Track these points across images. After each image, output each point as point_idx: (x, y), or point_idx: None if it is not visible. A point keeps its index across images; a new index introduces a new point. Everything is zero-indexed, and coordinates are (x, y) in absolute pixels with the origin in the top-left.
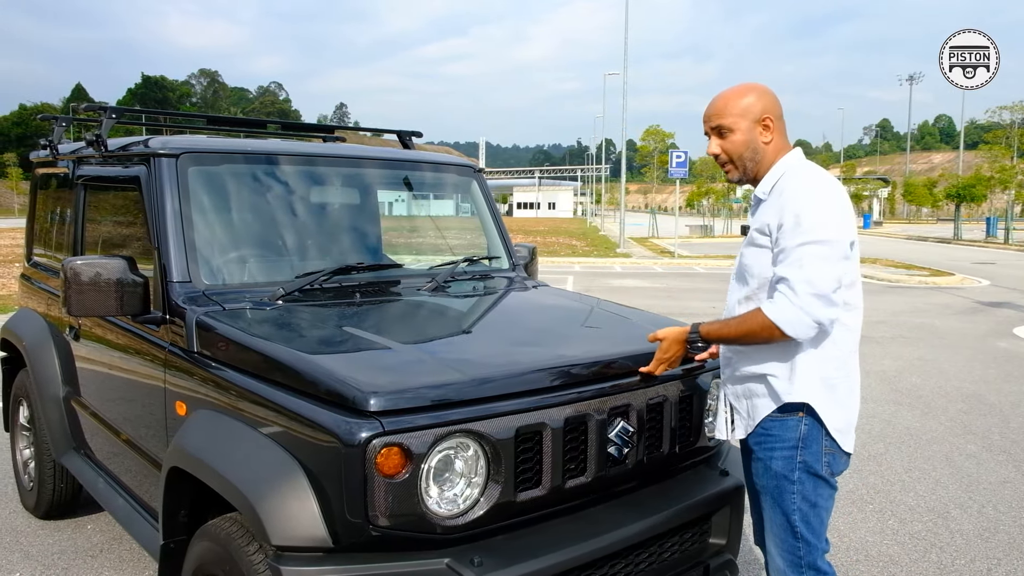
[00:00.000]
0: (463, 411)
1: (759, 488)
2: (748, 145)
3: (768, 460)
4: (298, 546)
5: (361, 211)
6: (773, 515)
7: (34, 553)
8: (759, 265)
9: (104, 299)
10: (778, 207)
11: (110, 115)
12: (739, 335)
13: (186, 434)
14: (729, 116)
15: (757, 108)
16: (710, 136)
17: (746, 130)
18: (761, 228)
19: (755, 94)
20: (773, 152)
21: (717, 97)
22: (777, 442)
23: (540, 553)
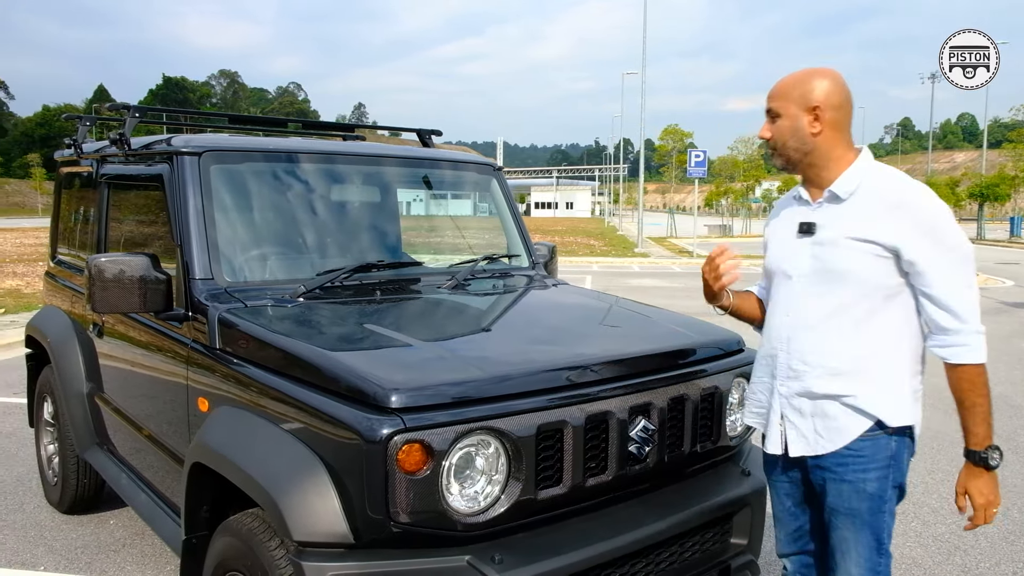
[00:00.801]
0: (484, 408)
1: (842, 510)
2: (793, 133)
3: (861, 482)
4: (319, 542)
5: (381, 209)
6: (860, 536)
7: (58, 547)
8: (865, 272)
9: (127, 296)
10: (898, 216)
11: (133, 114)
12: (988, 402)
13: (208, 430)
14: (780, 99)
15: (811, 96)
16: (766, 119)
17: (793, 117)
18: (870, 238)
19: (816, 80)
20: (827, 147)
21: (780, 80)
22: (870, 463)
23: (560, 551)
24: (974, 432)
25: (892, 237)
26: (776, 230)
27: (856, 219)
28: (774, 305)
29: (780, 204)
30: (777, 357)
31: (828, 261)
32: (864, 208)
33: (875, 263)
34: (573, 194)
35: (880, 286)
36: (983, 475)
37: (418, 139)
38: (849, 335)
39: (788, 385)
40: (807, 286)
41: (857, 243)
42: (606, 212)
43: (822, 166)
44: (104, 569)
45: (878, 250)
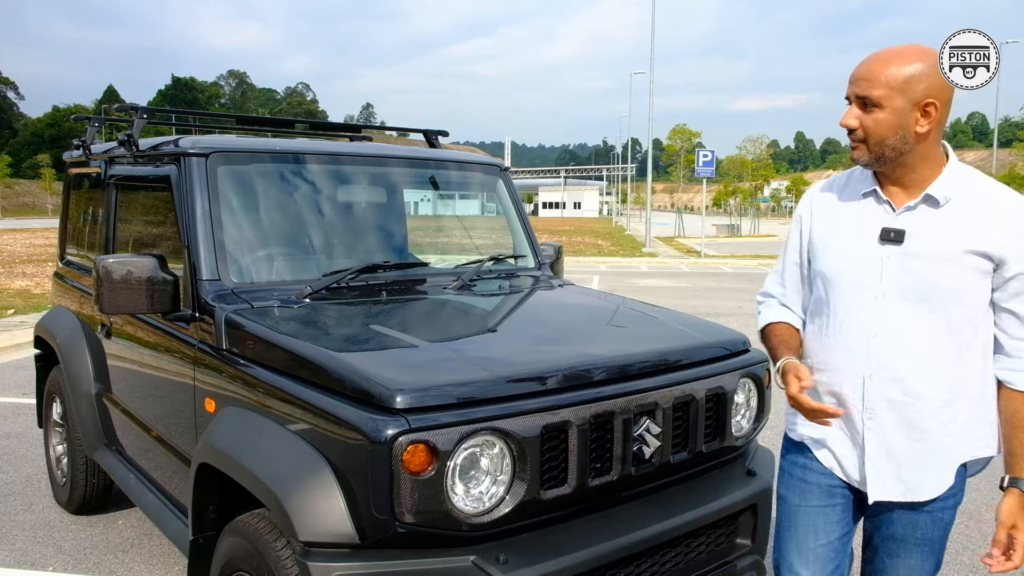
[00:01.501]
0: (489, 409)
1: (916, 541)
2: (894, 130)
3: (940, 512)
4: (325, 542)
5: (387, 210)
6: (924, 564)
7: (67, 548)
8: (974, 289)
9: (135, 297)
10: (1008, 226)
11: (141, 115)
12: None
13: (215, 431)
14: (881, 87)
15: (922, 86)
16: (851, 102)
17: (898, 111)
18: (981, 250)
19: (925, 65)
20: (928, 147)
21: (874, 56)
22: (951, 491)
23: (565, 551)
24: (1018, 456)
25: (1000, 248)
26: (839, 233)
27: (961, 229)
28: (845, 323)
29: (829, 199)
30: (863, 386)
31: (930, 276)
32: (968, 216)
33: (982, 280)
34: (581, 194)
35: (980, 303)
36: None
37: (425, 140)
38: (952, 361)
39: (880, 419)
40: (902, 304)
41: (967, 256)
42: (614, 212)
43: (914, 166)
44: (113, 569)
45: (985, 264)
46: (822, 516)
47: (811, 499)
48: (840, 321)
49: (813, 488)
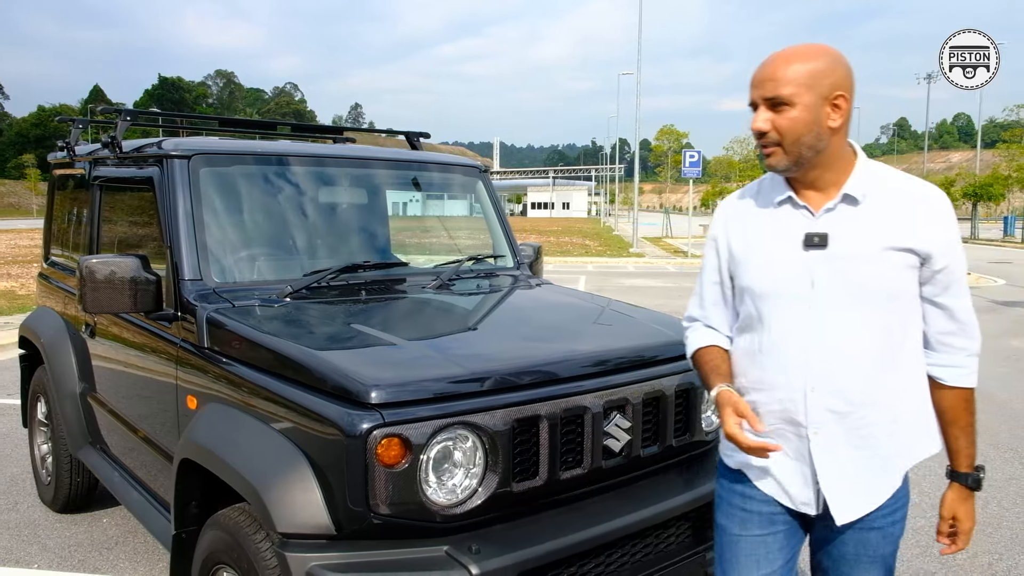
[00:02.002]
0: (461, 404)
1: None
2: (811, 127)
3: (890, 527)
4: (302, 533)
5: (369, 211)
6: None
7: (51, 545)
8: (903, 286)
9: (118, 296)
10: (930, 219)
11: (125, 117)
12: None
13: (196, 427)
14: (789, 84)
15: (829, 80)
16: (758, 107)
17: (810, 107)
18: (907, 246)
19: (827, 60)
20: (840, 144)
21: (775, 57)
22: (898, 501)
23: (536, 542)
24: (967, 453)
25: (926, 243)
26: (760, 245)
27: (884, 225)
28: (780, 337)
29: (743, 212)
30: (805, 400)
31: (860, 277)
32: (889, 212)
33: (909, 275)
34: (569, 194)
35: (909, 300)
36: (971, 498)
37: (407, 142)
38: (891, 364)
39: (827, 433)
40: (836, 310)
41: (893, 253)
42: (602, 212)
43: (829, 165)
44: (97, 566)
45: (912, 259)
46: (763, 545)
47: (752, 528)
48: (774, 336)
49: (754, 517)
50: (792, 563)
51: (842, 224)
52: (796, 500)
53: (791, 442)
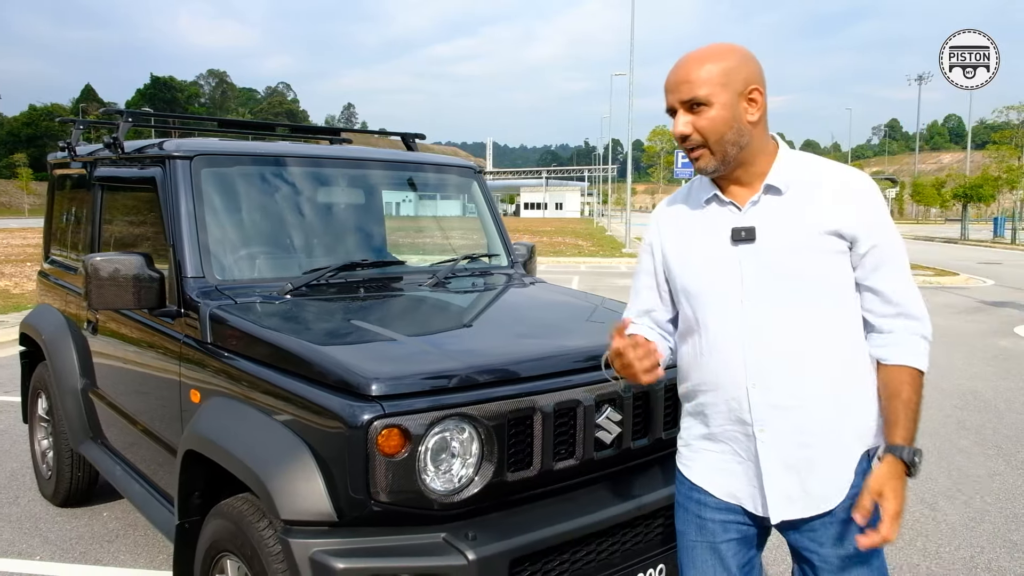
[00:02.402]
0: (458, 396)
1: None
2: (731, 124)
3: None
4: (305, 520)
5: (366, 210)
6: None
7: (52, 538)
8: (831, 271)
9: (122, 293)
10: (853, 202)
11: (126, 119)
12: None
13: (200, 420)
14: (704, 85)
15: (741, 76)
16: (676, 112)
17: (728, 104)
18: (832, 229)
19: (736, 57)
20: (761, 137)
21: (685, 60)
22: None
23: (530, 529)
24: (905, 427)
25: (850, 226)
26: (691, 245)
27: (809, 213)
28: (717, 337)
29: (674, 216)
30: (748, 397)
31: (789, 268)
32: (813, 199)
33: (839, 260)
34: (563, 195)
35: (845, 286)
36: (903, 477)
37: (402, 142)
38: (830, 354)
39: (772, 429)
40: (768, 304)
41: (819, 238)
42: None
43: (752, 160)
44: (99, 558)
45: (839, 244)
46: (718, 552)
47: (707, 535)
48: (712, 337)
49: (708, 524)
50: (751, 566)
51: (767, 216)
52: (744, 501)
53: (740, 443)
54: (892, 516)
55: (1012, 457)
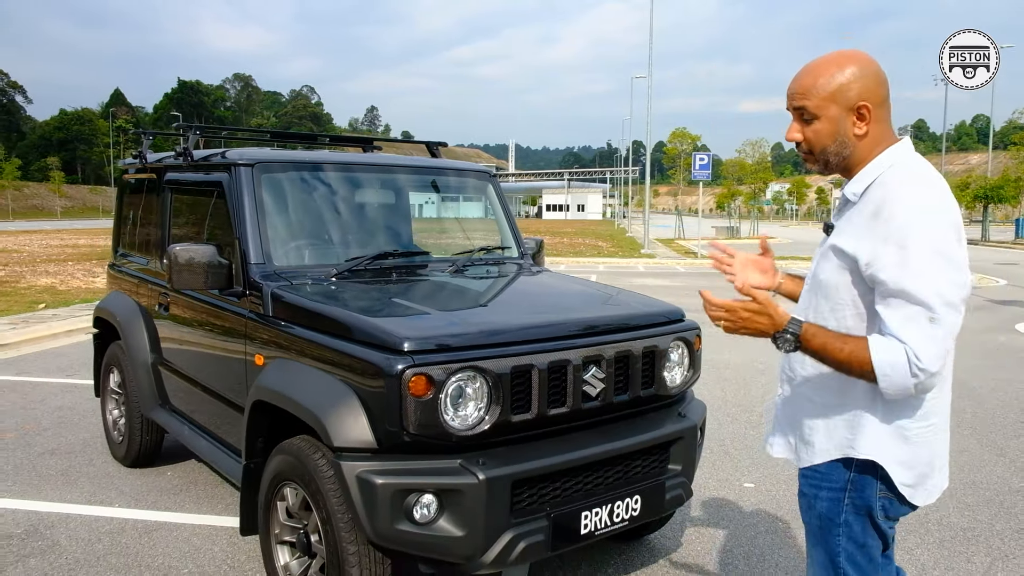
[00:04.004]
0: (472, 353)
1: (805, 522)
2: (835, 137)
3: (813, 498)
4: (352, 447)
5: (396, 209)
6: (816, 554)
7: (127, 491)
8: (836, 289)
9: (197, 277)
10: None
11: (195, 132)
12: (839, 361)
13: (266, 377)
14: (815, 97)
15: (853, 91)
16: (793, 117)
17: (835, 119)
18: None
19: (853, 70)
20: (869, 145)
21: (804, 70)
22: (824, 480)
23: (529, 460)
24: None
25: (854, 247)
26: None
27: (849, 225)
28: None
29: None
30: (780, 362)
31: (815, 268)
32: (861, 210)
33: (841, 276)
34: (584, 197)
35: (848, 302)
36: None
37: (427, 149)
38: None
39: (784, 389)
40: (803, 295)
41: (830, 250)
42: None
43: (853, 168)
44: (167, 506)
45: (843, 261)
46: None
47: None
48: None
49: None
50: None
51: (841, 218)
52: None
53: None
54: (724, 306)
55: (984, 437)
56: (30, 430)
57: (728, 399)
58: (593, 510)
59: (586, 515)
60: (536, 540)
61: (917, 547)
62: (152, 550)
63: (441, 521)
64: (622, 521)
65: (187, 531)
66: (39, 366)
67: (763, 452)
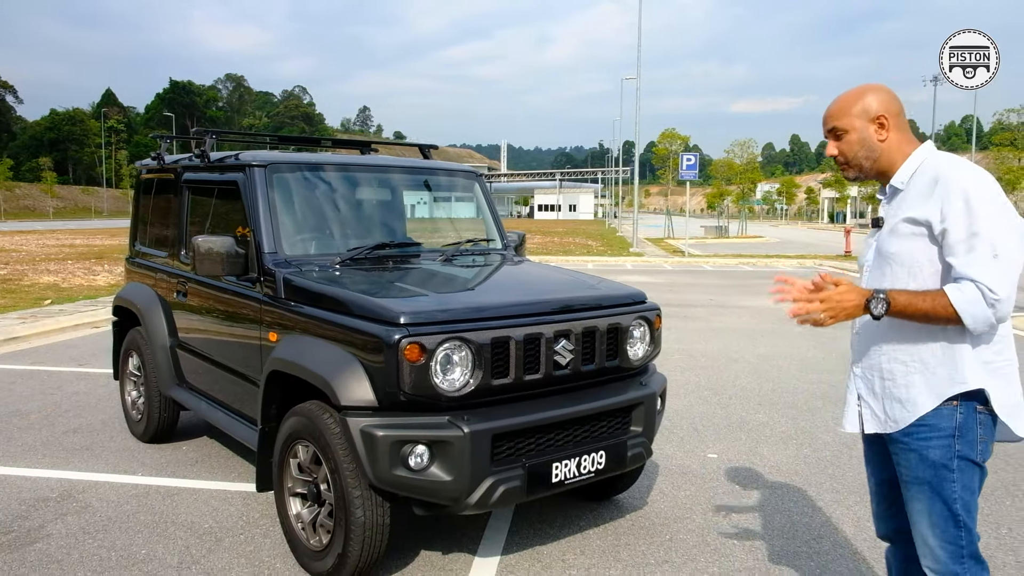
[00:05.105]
0: (458, 326)
1: (913, 480)
2: (863, 144)
3: (924, 450)
4: (356, 406)
5: (391, 205)
6: (932, 506)
7: (147, 462)
8: (911, 254)
9: (217, 265)
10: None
11: (212, 136)
12: (924, 312)
13: (280, 350)
14: (844, 118)
15: (872, 107)
16: (828, 139)
17: (860, 129)
18: (915, 218)
19: (870, 94)
20: (894, 148)
21: (834, 101)
22: (933, 431)
23: (507, 417)
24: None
25: (928, 212)
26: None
27: (906, 204)
28: None
29: None
30: (852, 342)
31: (883, 246)
32: (914, 192)
33: (919, 243)
34: (576, 197)
35: (921, 265)
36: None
37: (419, 151)
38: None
39: (863, 366)
40: (869, 274)
41: (904, 224)
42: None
43: (887, 168)
44: (186, 475)
45: (918, 229)
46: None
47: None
48: None
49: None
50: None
51: (890, 208)
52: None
53: (849, 377)
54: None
55: None
56: (52, 412)
57: (701, 384)
58: (563, 462)
59: (557, 466)
60: (513, 485)
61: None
62: (175, 510)
63: (432, 468)
64: (589, 473)
65: (205, 495)
66: (52, 356)
67: (728, 428)
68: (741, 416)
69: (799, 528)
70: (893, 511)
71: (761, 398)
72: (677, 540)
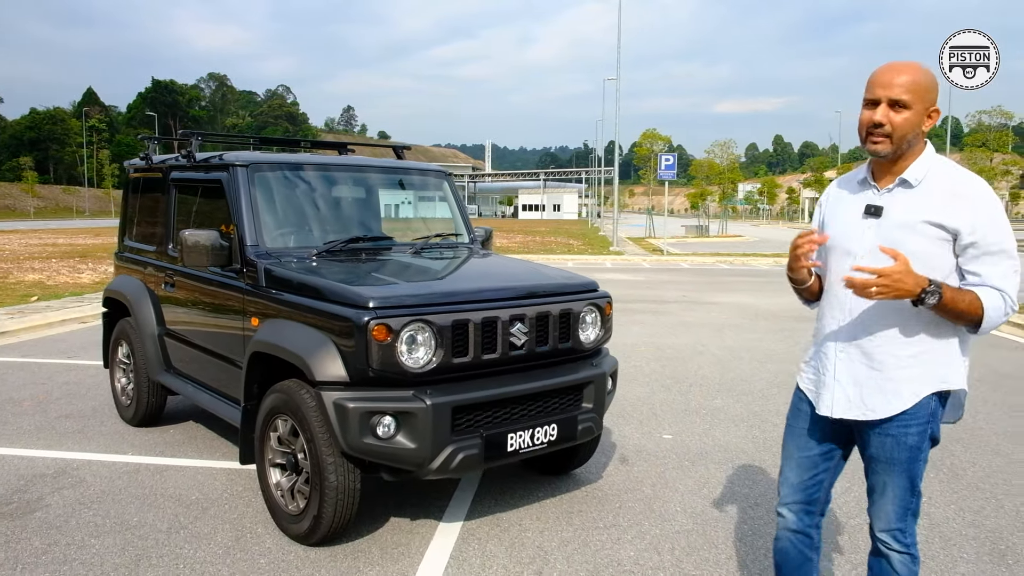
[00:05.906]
0: (422, 310)
1: (885, 460)
2: (913, 127)
3: (903, 436)
4: (330, 381)
5: (366, 202)
6: (899, 481)
7: (137, 444)
8: (936, 257)
9: (203, 257)
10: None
11: (197, 138)
12: (959, 310)
13: (261, 333)
14: (911, 92)
15: (932, 96)
16: (879, 103)
17: (920, 114)
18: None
19: (932, 80)
20: (920, 142)
21: (902, 68)
22: (912, 419)
23: (467, 392)
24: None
25: (955, 222)
26: (838, 212)
27: (926, 205)
28: (834, 280)
29: (838, 189)
30: (841, 326)
31: (898, 241)
32: (934, 195)
33: (940, 247)
34: (560, 197)
35: (938, 267)
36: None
37: (393, 152)
38: (908, 309)
39: (849, 352)
40: (869, 262)
41: (927, 227)
42: (590, 214)
43: (905, 157)
44: (173, 454)
45: (943, 234)
46: (806, 435)
47: (800, 422)
48: (831, 279)
49: (802, 415)
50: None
51: (895, 201)
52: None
53: (827, 360)
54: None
55: None
56: (44, 400)
57: (665, 373)
58: (518, 433)
59: (512, 437)
60: (472, 453)
61: None
62: (164, 484)
63: (398, 436)
64: (541, 444)
65: (192, 471)
66: (41, 350)
67: (686, 412)
68: (699, 402)
69: (738, 497)
70: (814, 483)
71: (720, 386)
72: (625, 508)
